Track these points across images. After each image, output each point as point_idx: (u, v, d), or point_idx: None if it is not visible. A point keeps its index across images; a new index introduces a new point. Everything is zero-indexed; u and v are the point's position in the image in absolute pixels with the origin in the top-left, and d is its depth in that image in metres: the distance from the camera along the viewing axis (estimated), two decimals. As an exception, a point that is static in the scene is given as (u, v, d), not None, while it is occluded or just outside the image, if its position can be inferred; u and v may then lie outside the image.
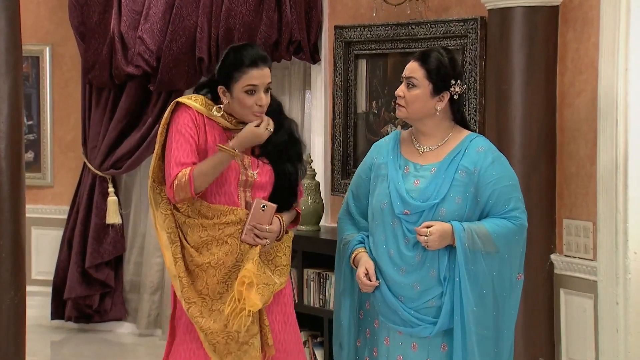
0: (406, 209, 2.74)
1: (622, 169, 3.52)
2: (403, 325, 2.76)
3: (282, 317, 2.91)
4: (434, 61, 2.76)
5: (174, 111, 2.84)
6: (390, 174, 2.80)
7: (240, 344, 2.80)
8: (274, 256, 2.86)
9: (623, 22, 3.50)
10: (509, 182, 2.77)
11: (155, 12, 5.05)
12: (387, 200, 2.77)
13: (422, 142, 2.83)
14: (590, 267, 3.66)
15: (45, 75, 5.61)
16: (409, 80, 2.77)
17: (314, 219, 4.53)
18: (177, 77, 5.06)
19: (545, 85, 3.77)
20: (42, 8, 5.58)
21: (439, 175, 2.75)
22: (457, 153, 2.77)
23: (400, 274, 2.75)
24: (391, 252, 2.77)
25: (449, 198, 2.73)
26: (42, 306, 5.45)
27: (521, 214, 2.78)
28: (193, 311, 2.79)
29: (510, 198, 2.76)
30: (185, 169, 2.77)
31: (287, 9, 4.73)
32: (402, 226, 2.75)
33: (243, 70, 2.78)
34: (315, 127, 4.86)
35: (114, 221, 5.31)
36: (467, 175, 2.74)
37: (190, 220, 2.82)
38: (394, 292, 2.76)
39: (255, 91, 2.79)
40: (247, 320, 2.76)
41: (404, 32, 4.34)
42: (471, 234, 2.70)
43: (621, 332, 3.53)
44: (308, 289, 4.40)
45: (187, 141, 2.79)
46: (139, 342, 5.35)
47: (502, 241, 2.73)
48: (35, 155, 5.66)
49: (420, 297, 2.75)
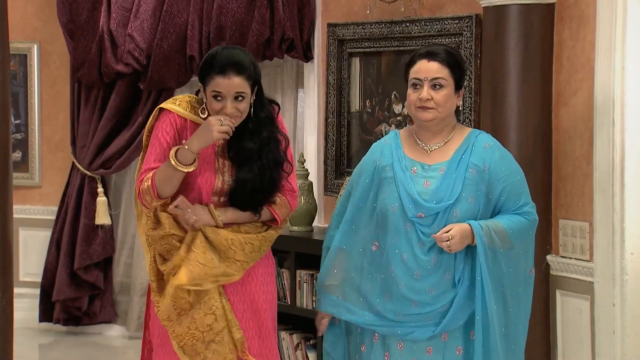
0: (420, 212, 2.70)
1: (619, 169, 3.50)
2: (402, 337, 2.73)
3: (254, 323, 2.87)
4: (453, 57, 2.74)
5: (157, 117, 2.84)
6: (398, 176, 2.74)
7: (207, 343, 2.79)
8: (227, 248, 2.80)
9: (619, 20, 3.48)
10: (518, 177, 2.77)
11: (145, 10, 5.02)
12: (397, 203, 2.72)
13: (427, 141, 2.78)
14: (586, 268, 3.64)
15: (33, 74, 5.59)
16: (436, 82, 2.71)
17: (306, 219, 4.49)
18: (167, 75, 5.04)
19: (541, 84, 3.75)
20: (29, 5, 5.55)
21: (450, 175, 2.71)
22: (464, 150, 2.73)
23: (415, 278, 2.71)
24: (404, 257, 2.72)
25: (462, 198, 2.70)
26: (30, 308, 5.42)
27: (532, 208, 2.77)
28: (162, 314, 2.82)
29: (521, 193, 2.75)
30: (150, 174, 2.78)
31: (279, 6, 4.70)
32: (415, 229, 2.71)
33: (211, 75, 2.76)
34: (308, 127, 4.84)
35: (103, 222, 5.29)
36: (477, 174, 2.72)
37: (156, 230, 2.83)
38: (407, 297, 2.71)
39: (221, 97, 2.76)
40: (170, 295, 2.75)
41: (398, 30, 4.32)
42: (489, 231, 2.67)
43: (618, 334, 3.51)
44: (301, 291, 4.36)
45: (160, 145, 2.79)
46: (128, 344, 5.32)
47: (518, 237, 2.72)
48: (23, 155, 5.63)
49: (434, 301, 2.71)
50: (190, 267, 2.76)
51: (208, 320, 2.79)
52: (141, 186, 2.78)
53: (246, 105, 2.79)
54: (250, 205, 2.84)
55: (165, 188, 2.76)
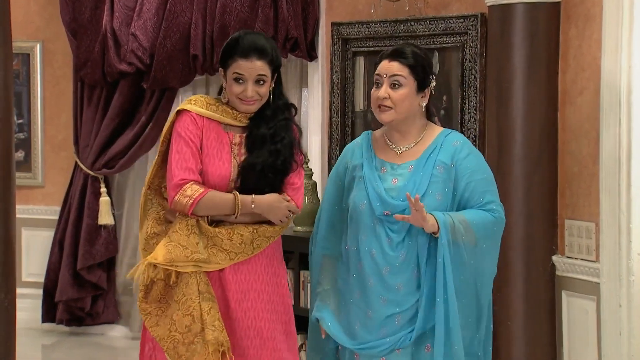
0: (386, 210, 2.71)
1: (626, 168, 3.48)
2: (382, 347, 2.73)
3: (264, 304, 2.85)
4: (416, 57, 2.74)
5: (176, 119, 2.86)
6: (367, 175, 2.76)
7: (187, 344, 2.79)
8: (214, 235, 2.80)
9: (626, 19, 3.46)
10: (483, 175, 2.75)
11: (148, 8, 5.01)
12: (365, 201, 2.74)
13: (397, 142, 2.79)
14: (592, 269, 3.62)
15: (36, 73, 5.57)
16: (394, 80, 2.72)
17: (310, 219, 4.46)
18: (171, 74, 5.02)
19: (547, 83, 3.74)
20: (32, 4, 5.54)
21: (417, 173, 2.73)
22: (433, 149, 2.74)
23: (383, 274, 2.72)
24: (373, 253, 2.74)
25: (429, 195, 2.70)
26: (32, 309, 5.40)
27: (498, 206, 2.76)
28: (150, 322, 2.83)
29: (486, 191, 2.74)
30: (196, 187, 2.77)
31: (283, 5, 4.69)
32: (384, 227, 2.73)
33: (233, 58, 2.81)
34: (312, 126, 4.82)
35: (106, 222, 5.28)
36: (445, 171, 2.72)
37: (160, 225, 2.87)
38: (377, 293, 2.72)
39: (242, 80, 2.80)
40: (140, 271, 2.78)
41: (403, 29, 4.30)
42: (452, 220, 2.67)
43: (624, 335, 3.49)
44: (305, 292, 4.34)
45: (187, 144, 2.80)
46: (131, 345, 5.30)
47: (481, 231, 2.70)
48: (26, 155, 5.62)
49: (403, 300, 2.70)
50: (170, 247, 2.76)
51: (186, 322, 2.78)
52: (177, 197, 2.76)
53: (266, 90, 2.84)
54: (261, 187, 2.83)
55: (205, 212, 2.79)
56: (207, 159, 2.82)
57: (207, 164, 2.82)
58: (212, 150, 2.83)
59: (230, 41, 2.85)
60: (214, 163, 2.82)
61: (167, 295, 2.82)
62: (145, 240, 2.89)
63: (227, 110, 2.86)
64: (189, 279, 2.79)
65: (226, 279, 2.83)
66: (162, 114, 5.14)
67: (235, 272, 2.83)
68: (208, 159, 2.82)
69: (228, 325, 2.81)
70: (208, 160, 2.82)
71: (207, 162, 2.82)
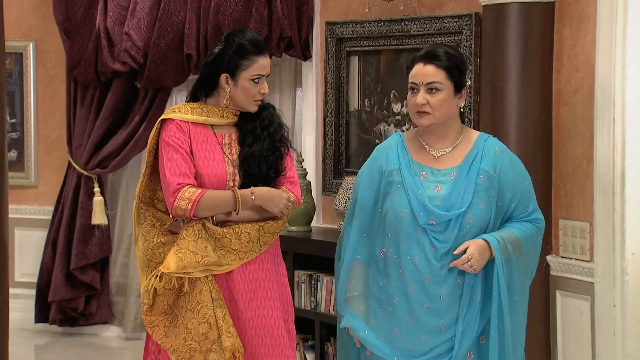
0: (431, 219, 2.65)
1: (620, 168, 3.48)
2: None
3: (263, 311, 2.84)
4: (449, 58, 2.68)
5: (161, 128, 2.84)
6: (407, 181, 2.68)
7: (204, 352, 2.77)
8: (222, 236, 2.79)
9: (620, 18, 3.46)
10: (525, 183, 2.75)
11: (142, 8, 4.99)
12: (407, 209, 2.66)
13: (434, 145, 2.73)
14: (587, 269, 3.62)
15: (29, 72, 5.55)
16: (432, 86, 2.66)
17: (304, 219, 4.46)
18: (164, 74, 5.01)
19: (541, 83, 3.73)
20: (25, 3, 5.53)
21: (461, 181, 2.67)
22: (474, 155, 2.69)
23: (426, 282, 2.66)
24: (416, 260, 2.66)
25: (473, 205, 2.65)
26: (25, 309, 5.38)
27: (539, 214, 2.76)
28: (158, 334, 2.80)
29: (530, 199, 2.74)
30: (193, 189, 2.76)
31: (277, 4, 4.68)
32: (428, 236, 2.66)
33: (252, 59, 2.79)
34: (306, 126, 4.81)
35: (99, 222, 5.26)
36: (488, 180, 2.68)
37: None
38: (418, 300, 2.65)
39: (259, 80, 2.81)
40: (154, 281, 2.74)
41: (397, 28, 4.30)
42: (505, 245, 2.65)
43: (618, 335, 3.49)
44: (299, 291, 4.33)
45: (176, 150, 2.79)
46: (125, 346, 5.29)
47: (529, 245, 2.71)
48: (19, 154, 5.60)
49: (447, 310, 2.65)
50: (181, 255, 2.74)
51: (202, 329, 2.76)
52: (177, 203, 2.74)
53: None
54: (266, 174, 2.83)
55: (207, 213, 2.77)
56: (201, 162, 2.81)
57: (202, 167, 2.80)
58: (203, 153, 2.82)
59: (240, 43, 2.78)
60: (208, 165, 2.81)
61: (174, 305, 2.80)
62: (152, 250, 2.86)
63: (213, 109, 2.85)
64: (202, 286, 2.77)
65: (234, 280, 2.82)
66: (155, 113, 5.12)
67: (243, 271, 2.83)
68: (202, 162, 2.81)
69: (238, 326, 2.81)
70: (202, 163, 2.81)
71: (201, 165, 2.81)
